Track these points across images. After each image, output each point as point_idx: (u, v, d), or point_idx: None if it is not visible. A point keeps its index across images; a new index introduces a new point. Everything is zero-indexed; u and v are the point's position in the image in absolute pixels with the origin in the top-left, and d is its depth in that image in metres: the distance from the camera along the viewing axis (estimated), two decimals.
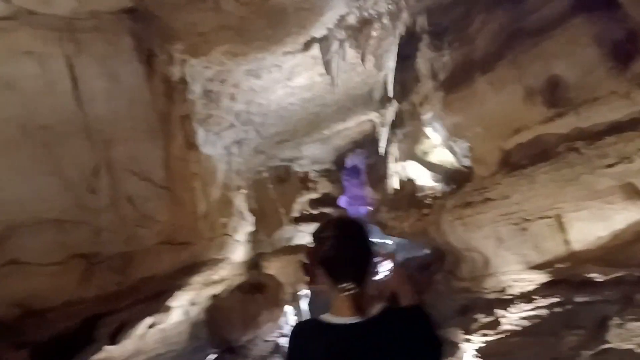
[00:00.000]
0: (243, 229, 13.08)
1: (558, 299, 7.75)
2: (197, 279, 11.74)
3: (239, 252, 13.24)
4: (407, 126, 13.04)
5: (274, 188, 16.99)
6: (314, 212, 18.83)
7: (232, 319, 9.57)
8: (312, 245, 1.96)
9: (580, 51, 7.01)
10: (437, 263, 14.03)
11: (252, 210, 15.57)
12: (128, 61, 6.43)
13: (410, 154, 12.77)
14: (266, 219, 16.55)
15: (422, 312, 1.96)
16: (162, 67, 7.56)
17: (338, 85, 10.24)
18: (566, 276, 8.12)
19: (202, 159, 9.54)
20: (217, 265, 12.12)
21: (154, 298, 9.42)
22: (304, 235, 17.91)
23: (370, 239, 1.91)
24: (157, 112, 6.98)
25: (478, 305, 9.34)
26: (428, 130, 10.05)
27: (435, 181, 15.10)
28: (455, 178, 10.98)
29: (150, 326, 11.23)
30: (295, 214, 17.75)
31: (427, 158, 11.00)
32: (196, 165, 8.32)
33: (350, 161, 24.51)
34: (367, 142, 18.81)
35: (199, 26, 7.56)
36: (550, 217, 8.30)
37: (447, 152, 9.92)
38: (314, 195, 18.91)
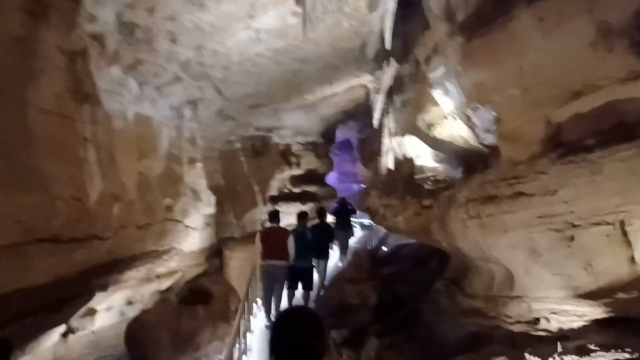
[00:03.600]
0: (198, 211, 10.18)
1: (629, 355, 4.90)
2: (132, 274, 8.92)
3: (192, 239, 10.35)
4: (407, 91, 10.04)
5: (248, 162, 14.02)
6: (296, 190, 15.87)
7: (158, 338, 6.80)
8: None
9: None
10: (435, 260, 11.27)
11: (217, 188, 12.62)
12: None
13: (410, 127, 9.79)
14: (236, 198, 13.63)
15: None
16: None
17: (314, 28, 7.26)
18: (637, 314, 5.27)
19: (113, 118, 6.58)
20: (160, 257, 9.27)
21: (51, 308, 6.57)
22: (283, 217, 15.01)
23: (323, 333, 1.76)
24: None
25: (496, 339, 6.51)
26: (436, 94, 7.09)
27: (439, 162, 12.20)
28: (469, 161, 8.05)
29: (69, 333, 8.52)
30: (273, 192, 14.80)
31: (432, 132, 8.03)
32: (92, 128, 5.36)
33: (341, 134, 21.52)
34: (360, 112, 15.81)
35: None
36: (609, 224, 5.43)
37: (462, 124, 6.95)
38: (296, 172, 15.93)
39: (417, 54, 8.24)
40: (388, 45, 8.48)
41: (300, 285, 8.92)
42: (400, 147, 12.83)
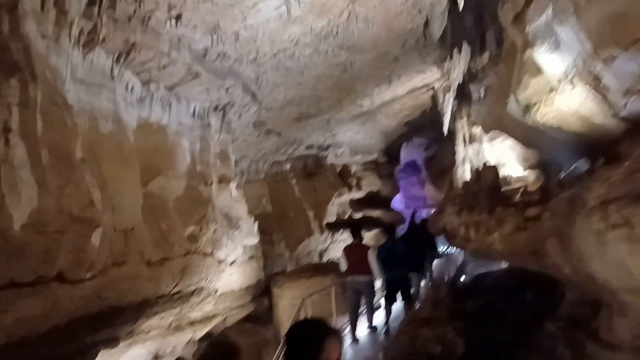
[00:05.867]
0: (235, 241, 8.22)
1: None
2: (154, 322, 7.02)
3: (229, 277, 8.37)
4: (487, 78, 7.77)
5: (300, 185, 12.06)
6: (358, 215, 13.70)
7: None
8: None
9: None
10: (531, 291, 8.75)
11: (264, 215, 10.71)
12: None
13: (495, 120, 7.48)
14: (288, 226, 11.65)
15: None
16: None
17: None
18: None
19: (98, 119, 4.80)
20: (186, 301, 7.34)
21: None
22: (344, 246, 12.82)
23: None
24: None
25: None
26: (539, 54, 4.79)
27: (529, 168, 9.77)
28: (588, 152, 5.61)
29: None
30: (331, 218, 12.71)
31: (531, 117, 5.62)
32: (23, 114, 3.48)
33: (406, 154, 19.19)
34: (426, 123, 13.58)
35: None
36: None
37: (581, 92, 4.60)
38: (357, 195, 13.81)
39: (502, 17, 6.00)
40: (461, 3, 6.30)
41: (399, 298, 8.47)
42: (478, 155, 10.49)
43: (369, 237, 12.72)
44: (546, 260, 4.99)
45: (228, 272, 8.19)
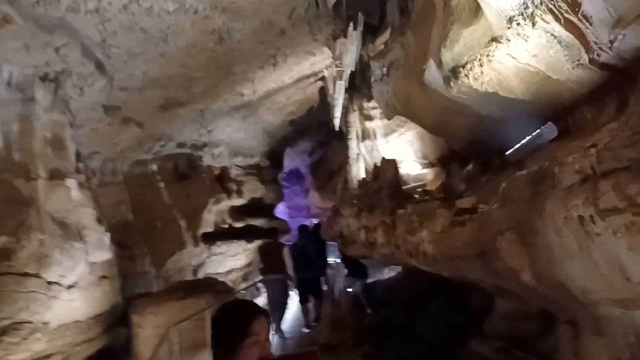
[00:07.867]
0: (75, 257, 6.07)
1: None
2: None
3: (67, 304, 6.17)
4: (391, 52, 6.46)
5: (169, 189, 10.01)
6: (239, 224, 11.88)
7: None
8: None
9: None
10: (436, 301, 7.66)
11: (123, 225, 8.60)
12: None
13: (402, 103, 6.18)
14: (154, 239, 9.54)
15: None
16: None
17: None
18: None
19: None
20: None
21: None
22: (223, 260, 10.99)
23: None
24: None
25: None
26: None
27: (428, 166, 8.70)
28: (541, 120, 4.35)
29: None
30: (208, 228, 10.78)
31: (459, 84, 4.19)
32: None
33: (289, 161, 17.74)
34: (314, 123, 12.26)
35: None
36: None
37: (545, 33, 3.26)
38: (237, 201, 12.02)
39: None
40: None
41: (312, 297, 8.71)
42: (372, 153, 9.25)
43: (252, 249, 11.06)
44: (496, 264, 3.61)
45: (66, 297, 6.02)
